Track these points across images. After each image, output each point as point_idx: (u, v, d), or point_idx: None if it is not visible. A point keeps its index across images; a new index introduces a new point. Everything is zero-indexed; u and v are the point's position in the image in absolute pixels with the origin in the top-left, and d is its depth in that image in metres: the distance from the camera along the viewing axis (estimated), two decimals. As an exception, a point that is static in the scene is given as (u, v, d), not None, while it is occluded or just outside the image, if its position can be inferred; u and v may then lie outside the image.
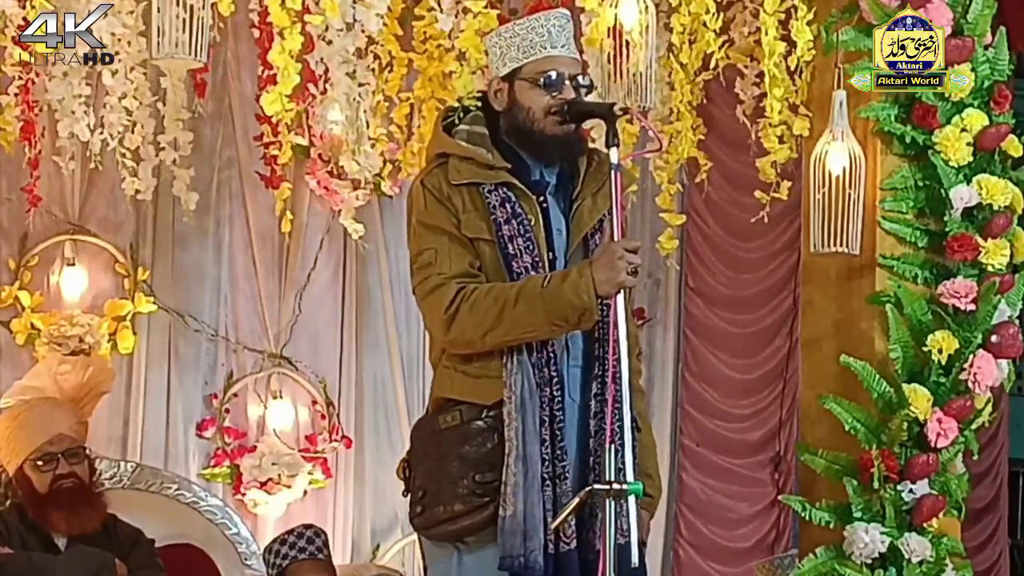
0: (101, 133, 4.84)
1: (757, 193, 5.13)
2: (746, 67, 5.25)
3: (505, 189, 3.44)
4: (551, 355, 3.38)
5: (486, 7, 4.35)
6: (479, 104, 3.57)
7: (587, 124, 3.66)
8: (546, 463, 3.34)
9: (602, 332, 3.38)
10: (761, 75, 5.08)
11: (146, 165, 5.07)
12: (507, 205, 3.43)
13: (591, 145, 3.69)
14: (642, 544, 3.45)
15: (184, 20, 3.85)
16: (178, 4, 3.84)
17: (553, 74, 3.43)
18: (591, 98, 3.56)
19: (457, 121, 3.55)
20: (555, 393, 3.37)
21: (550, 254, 3.45)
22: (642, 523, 3.49)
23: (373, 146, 5.19)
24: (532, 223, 3.43)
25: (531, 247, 3.41)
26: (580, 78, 3.48)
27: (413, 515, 3.47)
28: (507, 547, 3.30)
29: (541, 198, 3.47)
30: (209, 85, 5.79)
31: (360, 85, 4.66)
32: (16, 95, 4.85)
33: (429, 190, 3.46)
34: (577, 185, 3.50)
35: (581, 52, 4.37)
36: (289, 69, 4.13)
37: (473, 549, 3.39)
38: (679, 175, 5.38)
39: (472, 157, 3.46)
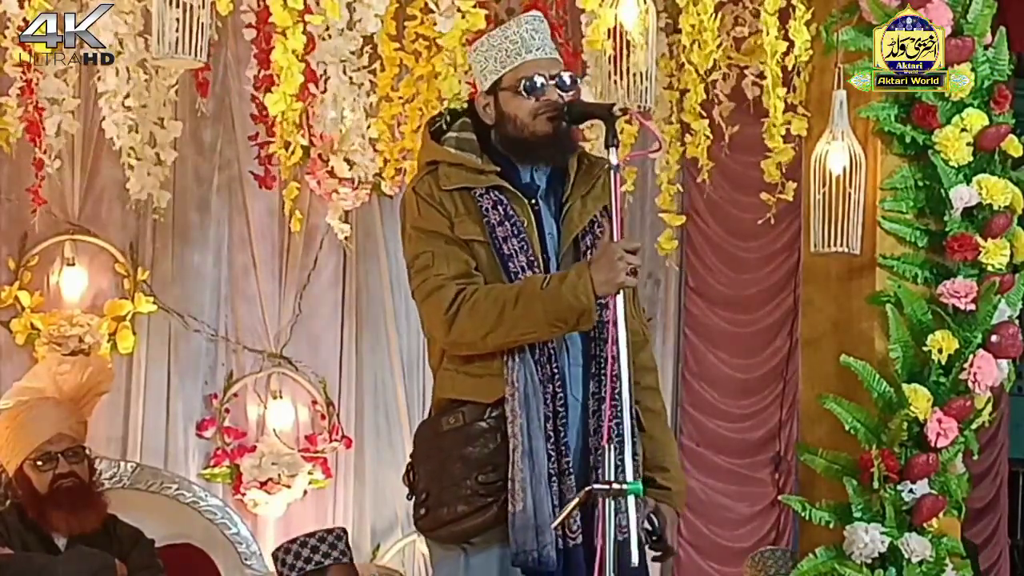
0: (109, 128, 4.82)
1: (763, 195, 5.12)
2: (747, 67, 5.24)
3: (496, 192, 3.45)
4: (552, 352, 3.38)
5: (474, 7, 4.34)
6: (466, 108, 3.57)
7: (584, 124, 3.65)
8: (551, 459, 3.34)
9: (600, 332, 3.38)
10: (761, 75, 5.07)
11: (142, 165, 5.06)
12: (500, 207, 3.43)
13: (584, 147, 3.67)
14: (659, 540, 3.46)
15: (183, 20, 3.85)
16: (176, 5, 3.84)
17: (535, 79, 3.42)
18: (586, 94, 3.55)
19: (444, 126, 3.55)
20: (557, 390, 3.37)
21: (544, 255, 3.44)
22: (663, 518, 3.51)
23: (375, 148, 5.19)
24: (525, 225, 3.43)
25: (526, 248, 3.41)
26: (562, 75, 3.47)
27: (417, 517, 3.46)
28: (519, 542, 3.30)
29: (532, 200, 3.47)
30: (209, 85, 5.78)
31: (359, 86, 4.66)
32: (18, 96, 4.84)
33: (421, 196, 3.46)
34: (567, 188, 3.50)
35: (580, 52, 4.37)
36: (293, 69, 4.13)
37: (480, 549, 3.38)
38: (680, 176, 5.37)
39: (462, 163, 3.47)
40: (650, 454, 3.51)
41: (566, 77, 3.47)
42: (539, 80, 3.42)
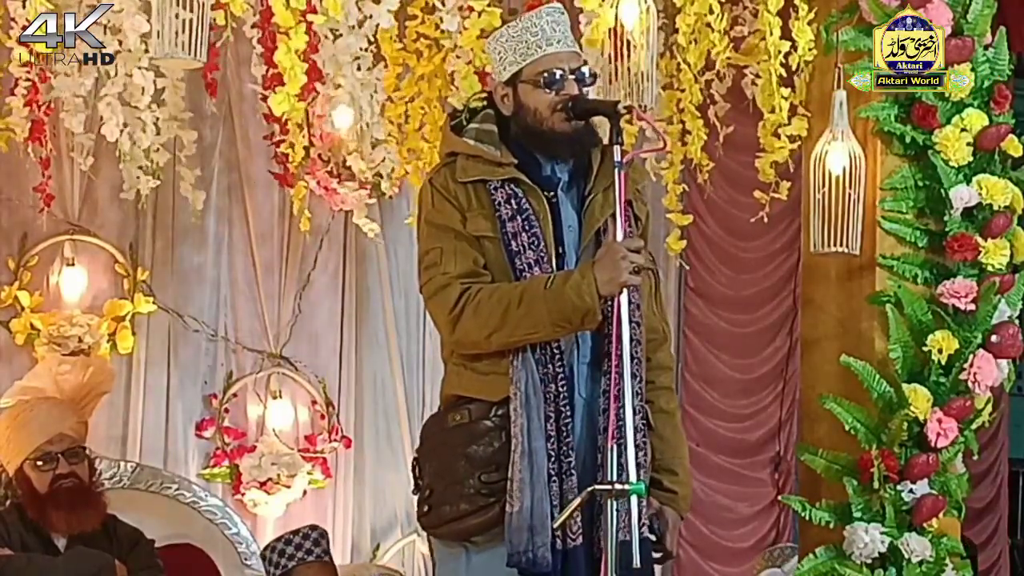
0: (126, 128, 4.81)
1: (756, 193, 5.13)
2: (746, 67, 5.24)
3: (512, 185, 3.43)
4: (556, 352, 3.37)
5: (489, 5, 4.34)
6: (484, 103, 3.56)
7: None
8: (552, 459, 3.33)
9: (611, 329, 3.36)
10: (759, 75, 5.07)
11: (131, 165, 5.05)
12: (512, 202, 3.42)
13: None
14: (658, 542, 3.46)
15: (184, 20, 3.84)
16: (178, 4, 3.83)
17: (556, 72, 3.42)
18: (592, 91, 3.54)
19: (465, 121, 3.54)
20: (560, 389, 3.36)
21: (559, 249, 3.43)
22: (666, 521, 3.50)
23: (375, 147, 5.19)
24: (539, 219, 3.42)
25: (536, 243, 3.40)
26: (583, 69, 3.47)
27: (420, 514, 3.47)
28: (514, 543, 3.29)
29: (551, 194, 3.45)
30: (215, 85, 5.77)
31: (373, 87, 4.66)
32: (24, 95, 4.84)
33: (436, 188, 3.46)
34: (590, 181, 3.49)
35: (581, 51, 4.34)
36: (296, 69, 4.12)
37: (482, 548, 3.38)
38: (681, 176, 5.37)
39: (479, 155, 3.46)
40: (659, 455, 3.51)
41: (585, 71, 3.47)
42: (559, 73, 3.42)
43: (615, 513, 3.14)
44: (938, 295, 4.45)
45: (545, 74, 3.43)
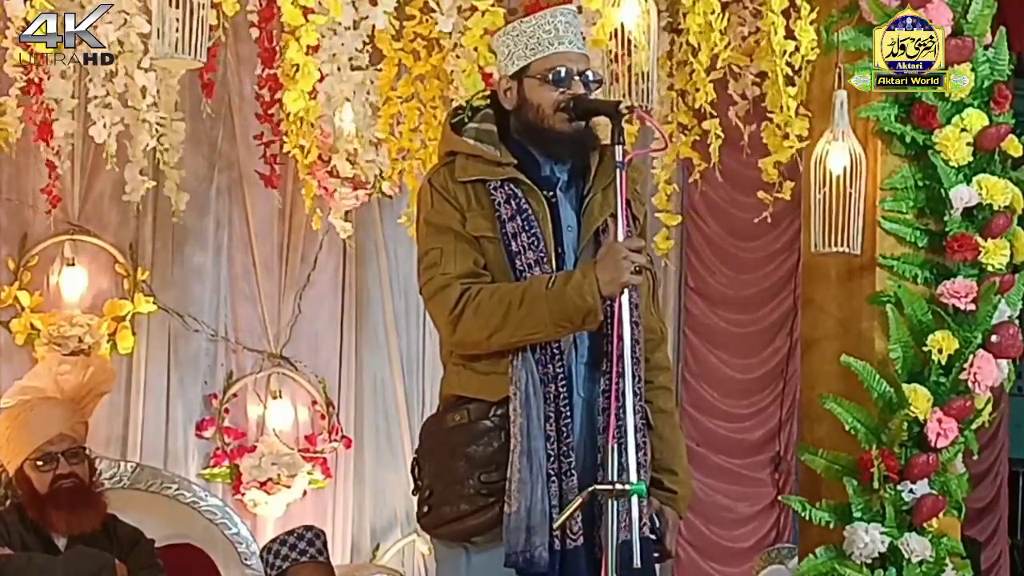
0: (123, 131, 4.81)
1: (760, 194, 5.13)
2: (747, 67, 5.24)
3: (511, 185, 3.43)
4: (555, 352, 3.37)
5: (493, 5, 4.34)
6: (487, 102, 3.56)
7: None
8: (551, 459, 3.33)
9: (610, 329, 3.36)
10: (760, 75, 5.07)
11: (133, 167, 5.05)
12: (512, 201, 3.42)
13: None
14: (658, 541, 3.46)
15: (183, 20, 3.84)
16: (177, 6, 3.83)
17: (562, 70, 3.42)
18: (597, 94, 3.55)
19: (466, 120, 3.54)
20: (560, 389, 3.36)
21: (558, 249, 3.42)
22: (665, 521, 3.50)
23: (378, 146, 5.19)
24: (539, 219, 3.41)
25: (536, 243, 3.40)
26: (589, 73, 3.47)
27: (420, 515, 3.47)
28: (512, 543, 3.29)
29: (550, 193, 3.45)
30: (213, 85, 5.77)
31: (369, 83, 4.65)
32: (18, 96, 4.83)
33: (436, 188, 3.46)
34: (588, 180, 3.49)
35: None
36: (309, 66, 4.12)
37: (482, 549, 3.38)
38: (679, 176, 5.37)
39: (479, 154, 3.46)
40: (659, 455, 3.51)
41: (591, 75, 3.47)
42: (565, 71, 3.42)
43: (616, 513, 3.13)
44: (938, 295, 4.46)
45: (553, 71, 3.43)
